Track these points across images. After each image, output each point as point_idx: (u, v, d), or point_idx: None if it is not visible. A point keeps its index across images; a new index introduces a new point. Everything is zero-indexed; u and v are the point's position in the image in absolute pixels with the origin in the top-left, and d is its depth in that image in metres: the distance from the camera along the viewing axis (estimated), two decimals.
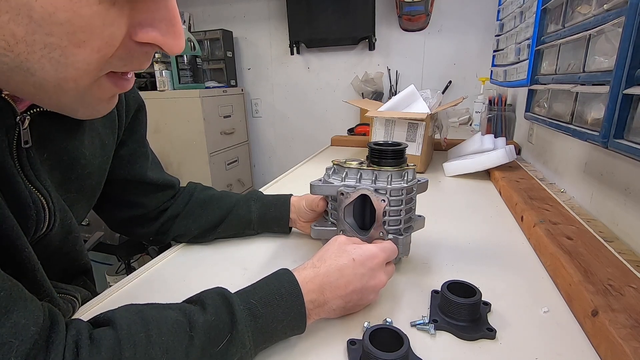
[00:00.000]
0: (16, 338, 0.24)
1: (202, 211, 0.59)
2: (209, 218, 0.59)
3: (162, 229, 0.59)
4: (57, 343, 0.26)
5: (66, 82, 0.27)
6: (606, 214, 0.67)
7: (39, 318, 0.27)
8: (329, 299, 0.39)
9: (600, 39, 0.56)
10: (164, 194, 0.59)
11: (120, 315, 0.31)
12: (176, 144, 2.07)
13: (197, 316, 0.32)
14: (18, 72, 0.25)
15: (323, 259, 0.41)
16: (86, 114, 0.33)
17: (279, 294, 0.36)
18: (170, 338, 0.30)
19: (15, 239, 0.33)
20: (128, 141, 0.54)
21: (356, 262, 0.41)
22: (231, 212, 0.59)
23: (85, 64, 0.26)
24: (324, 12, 2.08)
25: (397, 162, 0.48)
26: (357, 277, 0.40)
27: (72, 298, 0.46)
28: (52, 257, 0.42)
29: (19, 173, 0.35)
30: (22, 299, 0.26)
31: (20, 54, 0.24)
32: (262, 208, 0.60)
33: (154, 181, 0.57)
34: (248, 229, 0.61)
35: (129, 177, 0.55)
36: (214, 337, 0.32)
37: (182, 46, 0.29)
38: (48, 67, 0.25)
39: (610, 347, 0.34)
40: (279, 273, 0.39)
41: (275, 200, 0.61)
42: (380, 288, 0.42)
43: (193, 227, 0.59)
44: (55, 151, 0.40)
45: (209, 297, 0.35)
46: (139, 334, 0.29)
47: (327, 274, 0.39)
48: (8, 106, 0.33)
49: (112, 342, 0.28)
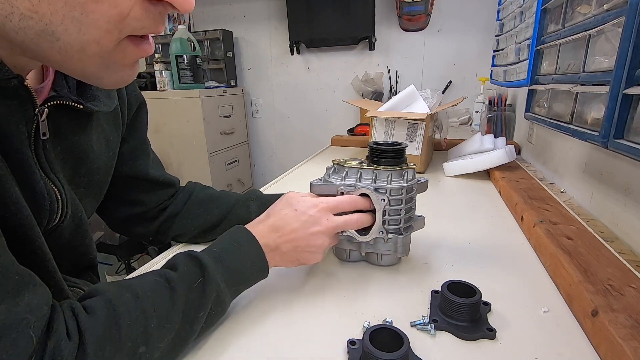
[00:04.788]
0: (32, 314, 0.26)
1: (201, 211, 0.60)
2: (207, 218, 0.59)
3: (161, 228, 0.60)
4: (56, 317, 0.28)
5: (89, 44, 0.28)
6: (606, 214, 0.67)
7: (49, 300, 0.29)
8: (279, 244, 0.44)
9: (600, 39, 0.56)
10: (164, 192, 0.59)
11: (102, 287, 0.33)
12: (176, 144, 2.07)
13: (170, 274, 0.36)
14: (44, 37, 0.27)
15: (269, 213, 0.47)
16: (111, 82, 0.33)
17: (237, 242, 0.42)
18: (153, 293, 0.34)
19: (29, 229, 0.34)
20: (129, 138, 0.54)
21: (298, 211, 0.45)
22: (230, 212, 0.59)
23: (105, 22, 0.27)
24: (324, 12, 2.08)
25: (397, 161, 0.48)
26: (299, 223, 0.44)
27: (81, 291, 0.47)
28: (62, 250, 0.43)
29: (35, 164, 0.36)
30: (32, 283, 0.28)
31: (44, 15, 0.26)
32: (261, 208, 0.60)
33: (154, 179, 0.57)
34: None
35: (131, 174, 0.55)
36: (190, 283, 0.36)
37: (192, 3, 0.30)
38: (71, 29, 0.27)
39: (610, 347, 0.34)
40: (232, 229, 0.45)
41: (274, 199, 0.61)
42: (325, 232, 0.45)
43: (192, 226, 0.59)
44: (68, 145, 0.41)
45: (176, 259, 0.39)
46: (126, 294, 0.32)
47: (273, 224, 0.45)
48: (29, 97, 0.34)
49: (105, 304, 0.31)
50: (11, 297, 0.26)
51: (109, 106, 0.45)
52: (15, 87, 0.32)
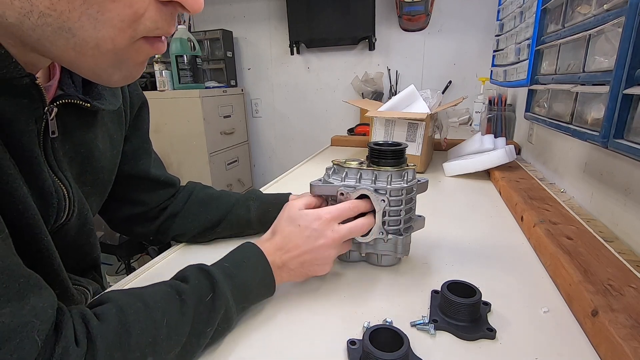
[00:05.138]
0: (37, 318, 0.26)
1: (201, 210, 0.60)
2: (207, 217, 0.59)
3: (161, 228, 0.60)
4: (65, 322, 0.28)
5: (104, 41, 0.29)
6: (606, 214, 0.67)
7: (54, 303, 0.29)
8: (285, 261, 0.44)
9: (600, 39, 0.56)
10: (165, 192, 0.60)
11: (113, 295, 0.34)
12: (176, 144, 2.07)
13: (181, 286, 0.36)
14: (61, 33, 0.27)
15: (274, 230, 0.47)
16: (122, 79, 0.33)
17: (247, 258, 0.43)
18: (164, 303, 0.34)
19: (35, 228, 0.35)
20: (132, 137, 0.55)
21: (302, 227, 0.45)
22: (230, 212, 0.59)
23: (120, 21, 0.28)
24: (324, 12, 2.08)
25: (397, 162, 0.48)
26: (304, 239, 0.45)
27: (85, 290, 0.47)
28: (68, 249, 0.44)
29: (44, 162, 0.37)
30: (37, 286, 0.28)
31: (62, 13, 0.26)
32: (261, 207, 0.60)
33: (156, 178, 0.57)
34: (248, 229, 0.61)
35: (133, 173, 0.55)
36: (200, 297, 0.36)
37: (201, 4, 0.31)
38: (87, 26, 0.27)
39: (610, 347, 0.34)
40: (242, 245, 0.45)
41: (274, 199, 0.61)
42: (331, 244, 0.45)
43: (192, 226, 0.59)
44: (75, 143, 0.42)
45: (186, 271, 0.39)
46: (137, 303, 0.33)
47: (279, 243, 0.45)
48: (40, 95, 0.34)
49: (116, 311, 0.31)
50: (16, 300, 0.26)
51: (114, 105, 0.45)
52: (26, 86, 0.32)
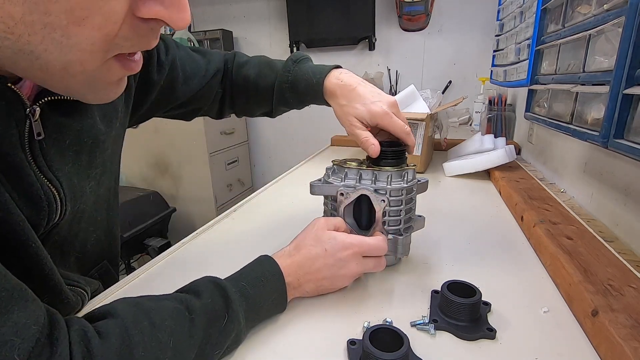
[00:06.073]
0: (18, 336, 0.24)
1: (247, 97, 0.67)
2: (254, 99, 0.67)
3: (221, 110, 0.69)
4: (61, 339, 0.26)
5: (72, 65, 0.26)
6: (606, 214, 0.67)
7: (39, 317, 0.26)
8: (302, 283, 0.44)
9: (600, 39, 0.56)
10: (216, 82, 0.65)
11: (119, 307, 0.32)
12: (176, 144, 2.07)
13: (193, 302, 0.35)
14: (22, 55, 0.25)
15: (299, 247, 0.45)
16: (95, 99, 0.33)
17: (264, 277, 0.41)
18: (172, 323, 0.32)
19: (22, 234, 0.33)
20: (167, 76, 0.57)
21: (327, 252, 0.44)
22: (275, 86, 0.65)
23: (89, 45, 0.26)
24: (324, 12, 2.08)
25: (397, 162, 0.49)
26: (327, 266, 0.44)
27: (82, 291, 0.46)
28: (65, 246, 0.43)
29: (30, 165, 0.35)
30: (23, 299, 0.26)
31: (21, 36, 0.24)
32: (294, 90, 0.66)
33: (208, 79, 0.63)
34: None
35: (195, 91, 0.61)
36: (212, 318, 0.34)
37: (187, 19, 0.28)
38: (52, 49, 0.25)
39: (610, 347, 0.34)
40: (261, 259, 0.44)
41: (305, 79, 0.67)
42: (352, 276, 0.45)
43: (247, 107, 0.70)
44: (76, 135, 0.40)
45: (201, 285, 0.38)
46: (143, 322, 0.31)
47: (301, 263, 0.44)
48: (17, 98, 0.33)
49: (120, 330, 0.29)
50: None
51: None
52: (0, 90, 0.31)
